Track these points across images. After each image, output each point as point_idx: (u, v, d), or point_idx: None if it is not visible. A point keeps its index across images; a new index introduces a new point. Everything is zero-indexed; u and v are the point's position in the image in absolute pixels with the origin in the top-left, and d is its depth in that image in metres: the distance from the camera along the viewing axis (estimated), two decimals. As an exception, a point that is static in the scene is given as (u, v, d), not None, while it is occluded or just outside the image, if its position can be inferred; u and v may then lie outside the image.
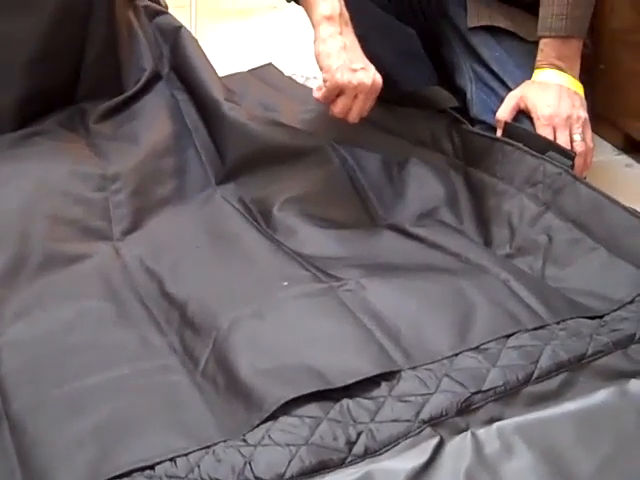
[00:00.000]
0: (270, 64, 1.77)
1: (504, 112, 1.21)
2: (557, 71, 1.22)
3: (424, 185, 1.21)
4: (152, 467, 0.73)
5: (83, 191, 1.15)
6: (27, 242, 1.06)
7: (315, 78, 1.68)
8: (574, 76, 1.22)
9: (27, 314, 0.97)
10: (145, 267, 1.06)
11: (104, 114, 1.35)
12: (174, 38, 1.46)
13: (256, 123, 1.29)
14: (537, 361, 0.82)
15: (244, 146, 1.26)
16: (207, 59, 1.43)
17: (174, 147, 1.28)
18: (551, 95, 1.17)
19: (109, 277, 1.04)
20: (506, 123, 1.20)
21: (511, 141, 1.15)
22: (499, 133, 1.21)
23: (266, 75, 1.71)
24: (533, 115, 1.17)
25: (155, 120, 1.33)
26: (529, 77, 1.24)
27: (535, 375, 0.81)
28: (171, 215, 1.17)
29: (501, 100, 1.23)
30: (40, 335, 0.94)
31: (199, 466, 0.73)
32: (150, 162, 1.23)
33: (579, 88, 1.22)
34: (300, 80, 1.72)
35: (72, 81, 1.40)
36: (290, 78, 1.73)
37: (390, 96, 1.25)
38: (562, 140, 1.15)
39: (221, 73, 1.47)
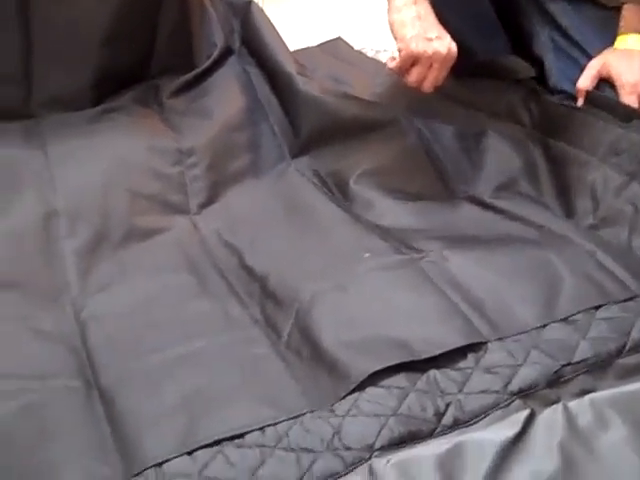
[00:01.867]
0: (339, 38, 1.75)
1: (585, 81, 1.17)
2: (641, 37, 1.18)
3: (502, 157, 1.19)
4: (241, 436, 0.74)
5: (160, 166, 1.16)
6: (108, 216, 1.07)
7: (385, 51, 1.66)
8: (659, 42, 1.18)
9: (109, 287, 0.99)
10: (223, 241, 1.06)
11: (177, 90, 1.36)
12: (244, 13, 1.45)
13: (330, 96, 1.28)
14: (629, 333, 0.81)
15: (318, 119, 1.25)
16: (278, 33, 1.43)
17: (247, 121, 1.28)
18: (636, 62, 1.13)
19: (188, 250, 1.05)
20: (588, 92, 1.16)
21: (594, 110, 1.12)
22: (580, 102, 1.17)
23: (335, 49, 1.69)
24: (617, 83, 1.13)
25: (228, 95, 1.32)
26: (610, 44, 1.20)
27: (627, 347, 0.79)
28: (247, 189, 1.17)
29: (581, 69, 1.20)
30: (122, 308, 0.95)
31: (288, 436, 0.74)
32: (224, 136, 1.23)
33: (664, 54, 1.18)
34: (370, 54, 1.70)
35: (146, 58, 1.41)
36: (360, 52, 1.71)
37: (464, 66, 1.23)
38: (648, 108, 1.12)
39: (290, 48, 1.46)
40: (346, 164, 1.19)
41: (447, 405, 0.75)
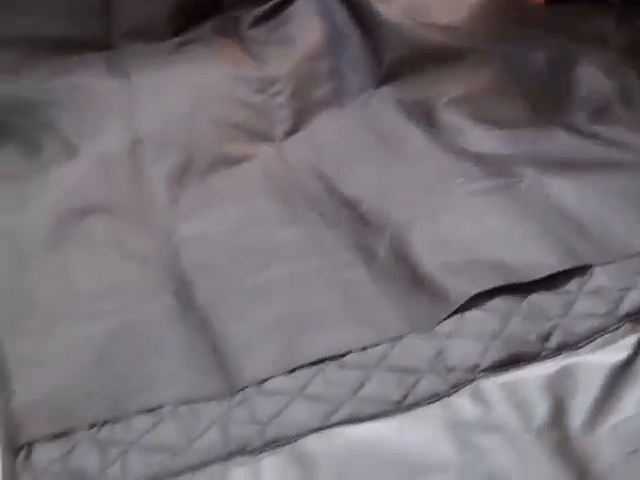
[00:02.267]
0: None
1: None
2: None
3: (595, 83, 1.13)
4: (342, 356, 0.73)
5: (244, 94, 1.14)
6: (194, 144, 1.06)
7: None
8: None
9: (199, 213, 0.98)
10: (311, 167, 1.05)
11: (256, 20, 1.33)
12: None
13: (411, 23, 1.24)
14: None
15: (401, 47, 1.21)
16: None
17: (329, 50, 1.25)
18: None
19: (275, 177, 1.04)
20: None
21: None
22: (679, 24, 1.12)
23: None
24: None
25: (308, 23, 1.29)
26: None
27: None
28: (332, 117, 1.14)
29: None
30: (213, 234, 0.94)
31: (389, 357, 0.73)
32: (307, 64, 1.21)
33: None
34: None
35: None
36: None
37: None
38: None
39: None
40: (432, 92, 1.16)
41: (551, 328, 0.73)
